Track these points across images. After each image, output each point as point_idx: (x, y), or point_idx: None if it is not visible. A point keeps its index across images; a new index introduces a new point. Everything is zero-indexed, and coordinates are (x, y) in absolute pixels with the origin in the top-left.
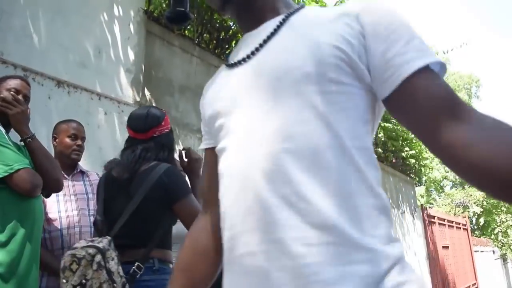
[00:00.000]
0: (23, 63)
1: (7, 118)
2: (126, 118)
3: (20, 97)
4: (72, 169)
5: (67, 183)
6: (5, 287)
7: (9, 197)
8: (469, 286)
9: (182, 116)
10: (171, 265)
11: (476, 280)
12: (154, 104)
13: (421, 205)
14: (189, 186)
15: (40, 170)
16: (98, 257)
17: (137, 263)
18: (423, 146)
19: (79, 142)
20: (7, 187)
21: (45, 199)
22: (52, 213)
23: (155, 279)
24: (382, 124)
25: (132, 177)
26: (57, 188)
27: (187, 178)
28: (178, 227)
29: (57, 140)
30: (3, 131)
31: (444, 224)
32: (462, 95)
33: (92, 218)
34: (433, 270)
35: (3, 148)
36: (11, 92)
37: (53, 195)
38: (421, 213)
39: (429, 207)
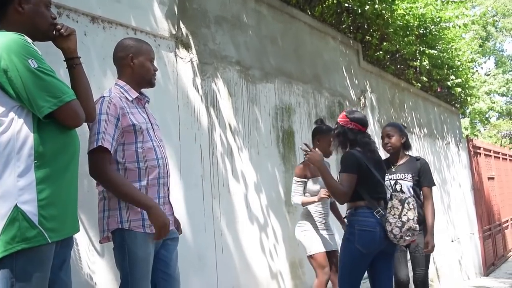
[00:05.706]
0: None
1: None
2: (163, 53)
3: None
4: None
5: (146, 111)
6: (45, 222)
7: (52, 132)
8: None
9: (220, 49)
10: None
11: None
12: (190, 37)
13: (467, 136)
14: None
15: (85, 97)
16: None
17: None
18: (469, 74)
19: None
20: (51, 122)
21: (143, 128)
22: (147, 142)
23: None
24: (427, 51)
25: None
26: (93, 118)
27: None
28: None
29: (134, 60)
30: (41, 54)
31: (490, 155)
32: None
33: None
34: (477, 201)
35: (47, 76)
36: (52, 15)
37: (144, 123)
38: (466, 144)
39: (474, 138)
